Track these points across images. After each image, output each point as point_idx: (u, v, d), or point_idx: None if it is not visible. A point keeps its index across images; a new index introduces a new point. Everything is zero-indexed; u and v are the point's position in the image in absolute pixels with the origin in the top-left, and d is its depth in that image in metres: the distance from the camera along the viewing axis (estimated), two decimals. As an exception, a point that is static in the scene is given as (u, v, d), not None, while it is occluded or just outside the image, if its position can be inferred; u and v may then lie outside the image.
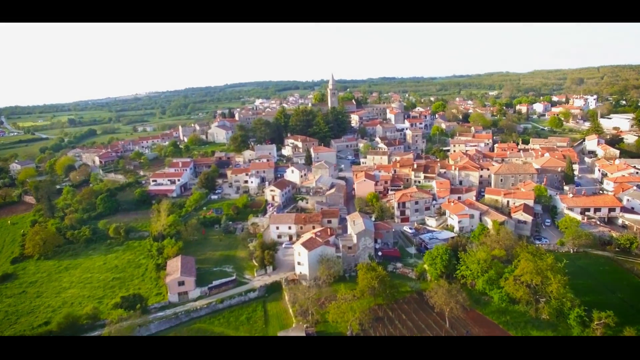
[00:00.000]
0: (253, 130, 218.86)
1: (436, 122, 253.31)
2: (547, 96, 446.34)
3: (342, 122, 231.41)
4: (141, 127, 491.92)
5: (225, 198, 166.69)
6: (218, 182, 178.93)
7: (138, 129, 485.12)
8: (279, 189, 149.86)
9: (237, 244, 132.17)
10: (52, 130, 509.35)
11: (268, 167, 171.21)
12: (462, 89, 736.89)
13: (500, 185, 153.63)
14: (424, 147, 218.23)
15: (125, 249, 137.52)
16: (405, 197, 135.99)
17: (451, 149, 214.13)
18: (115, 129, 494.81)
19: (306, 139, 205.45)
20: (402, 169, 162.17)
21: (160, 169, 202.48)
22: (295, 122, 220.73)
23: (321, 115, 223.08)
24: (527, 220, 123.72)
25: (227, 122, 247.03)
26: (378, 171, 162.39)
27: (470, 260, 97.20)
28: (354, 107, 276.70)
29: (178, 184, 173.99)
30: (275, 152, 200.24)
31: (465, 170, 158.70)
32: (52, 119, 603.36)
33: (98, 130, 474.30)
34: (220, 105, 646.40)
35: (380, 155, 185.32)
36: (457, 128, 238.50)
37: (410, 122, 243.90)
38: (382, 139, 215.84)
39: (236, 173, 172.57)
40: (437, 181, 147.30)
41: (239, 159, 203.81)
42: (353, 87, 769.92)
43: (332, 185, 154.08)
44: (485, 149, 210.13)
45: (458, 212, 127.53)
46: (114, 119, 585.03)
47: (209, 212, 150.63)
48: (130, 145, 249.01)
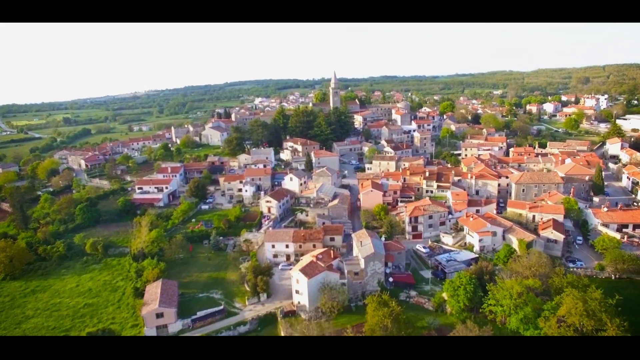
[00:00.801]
0: (249, 132, 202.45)
1: (445, 123, 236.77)
2: (556, 96, 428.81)
3: (345, 123, 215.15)
4: (137, 127, 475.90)
5: (216, 208, 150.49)
6: (210, 190, 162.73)
7: (134, 129, 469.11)
8: (275, 200, 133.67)
9: (227, 264, 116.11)
10: (46, 129, 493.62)
11: (264, 174, 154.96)
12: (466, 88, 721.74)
13: (522, 197, 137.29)
14: (433, 150, 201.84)
15: (103, 268, 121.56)
16: (418, 211, 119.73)
17: (462, 153, 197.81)
18: (110, 129, 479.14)
19: (306, 142, 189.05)
20: (413, 177, 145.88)
21: (149, 173, 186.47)
22: (295, 123, 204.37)
23: (322, 116, 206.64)
24: (559, 239, 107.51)
25: (223, 123, 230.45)
26: (386, 179, 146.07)
27: (501, 294, 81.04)
28: (357, 107, 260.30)
29: (166, 192, 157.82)
30: (272, 156, 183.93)
31: (482, 179, 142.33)
32: (48, 118, 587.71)
33: (92, 130, 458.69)
34: (219, 104, 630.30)
35: (387, 160, 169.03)
36: (467, 130, 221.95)
37: (417, 124, 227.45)
38: (388, 142, 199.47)
39: (229, 180, 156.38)
40: (453, 192, 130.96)
41: (234, 163, 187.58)
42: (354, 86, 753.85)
43: (335, 195, 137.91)
44: (499, 154, 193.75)
45: (478, 229, 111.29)
46: (110, 118, 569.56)
47: (197, 225, 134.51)
48: (120, 147, 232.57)
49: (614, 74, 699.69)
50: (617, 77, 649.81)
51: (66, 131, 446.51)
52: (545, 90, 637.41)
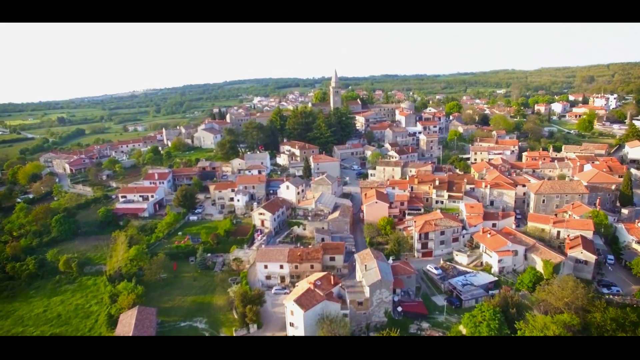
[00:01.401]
0: (243, 135, 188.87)
1: (452, 125, 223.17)
2: (563, 95, 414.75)
3: (347, 125, 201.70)
4: (132, 127, 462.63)
5: (206, 219, 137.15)
6: (199, 199, 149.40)
7: (129, 129, 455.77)
8: (269, 212, 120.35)
9: (214, 286, 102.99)
10: (40, 129, 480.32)
11: (258, 182, 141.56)
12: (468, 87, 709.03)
13: (542, 208, 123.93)
14: (440, 154, 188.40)
15: (76, 289, 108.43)
16: (429, 227, 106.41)
17: (471, 157, 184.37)
18: (105, 129, 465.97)
19: (305, 146, 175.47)
20: (421, 185, 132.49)
21: (136, 179, 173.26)
22: (293, 125, 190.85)
23: (322, 117, 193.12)
24: (589, 260, 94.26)
25: (216, 125, 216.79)
26: (391, 188, 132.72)
27: (533, 334, 67.81)
28: (359, 108, 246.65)
29: (151, 202, 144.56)
30: (268, 161, 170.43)
31: (498, 188, 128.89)
32: (42, 118, 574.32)
33: (87, 130, 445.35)
34: (217, 104, 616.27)
35: (392, 166, 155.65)
36: (476, 132, 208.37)
37: (422, 125, 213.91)
38: (392, 145, 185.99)
39: (220, 189, 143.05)
40: (467, 204, 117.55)
41: (227, 168, 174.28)
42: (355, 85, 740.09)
43: (335, 206, 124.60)
44: (511, 158, 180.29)
45: (497, 248, 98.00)
46: (105, 118, 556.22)
47: (183, 240, 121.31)
48: (108, 150, 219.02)
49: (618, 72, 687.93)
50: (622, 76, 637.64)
51: (59, 131, 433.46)
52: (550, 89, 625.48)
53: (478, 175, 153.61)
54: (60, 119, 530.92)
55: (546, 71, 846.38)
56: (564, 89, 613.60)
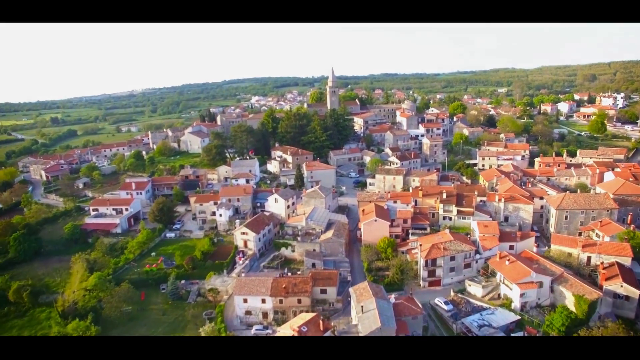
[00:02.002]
0: (232, 139, 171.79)
1: (456, 127, 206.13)
2: (569, 94, 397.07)
3: (344, 127, 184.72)
4: (126, 127, 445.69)
5: (184, 237, 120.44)
6: (178, 212, 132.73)
7: (122, 129, 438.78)
8: (253, 232, 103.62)
9: (185, 322, 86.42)
10: (32, 129, 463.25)
11: (243, 194, 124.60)
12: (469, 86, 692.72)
13: (565, 226, 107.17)
14: (445, 159, 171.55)
15: (25, 325, 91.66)
16: (437, 252, 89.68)
17: (479, 163, 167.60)
18: (98, 129, 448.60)
19: (297, 152, 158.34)
20: (426, 199, 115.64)
21: (115, 188, 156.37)
22: (286, 128, 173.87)
23: (317, 119, 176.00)
24: (632, 295, 77.63)
25: (204, 128, 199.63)
26: (392, 202, 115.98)
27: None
28: (357, 108, 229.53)
29: (125, 215, 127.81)
30: (257, 168, 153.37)
31: (513, 202, 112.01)
32: (37, 118, 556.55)
33: (79, 131, 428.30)
34: (214, 103, 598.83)
35: (394, 175, 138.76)
36: (483, 135, 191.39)
37: (425, 128, 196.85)
38: (393, 150, 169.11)
39: (201, 201, 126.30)
40: (479, 222, 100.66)
41: (213, 176, 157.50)
42: (354, 84, 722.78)
43: (329, 223, 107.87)
44: (522, 164, 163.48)
45: (519, 279, 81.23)
46: (100, 118, 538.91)
47: (155, 264, 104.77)
48: (89, 154, 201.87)
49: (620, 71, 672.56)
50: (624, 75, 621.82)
51: (51, 132, 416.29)
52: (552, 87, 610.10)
53: (488, 185, 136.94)
54: (54, 119, 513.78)
55: (547, 69, 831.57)
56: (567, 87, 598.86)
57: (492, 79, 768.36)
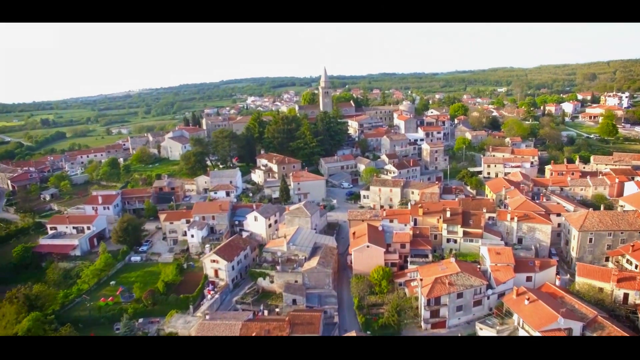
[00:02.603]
0: (213, 146, 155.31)
1: (458, 130, 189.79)
2: (572, 94, 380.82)
3: (336, 132, 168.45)
4: (116, 129, 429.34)
5: (151, 261, 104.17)
6: (147, 231, 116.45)
7: (112, 132, 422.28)
8: (225, 260, 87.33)
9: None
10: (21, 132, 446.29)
11: (219, 211, 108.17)
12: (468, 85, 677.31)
13: (589, 249, 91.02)
14: (447, 167, 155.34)
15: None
16: (441, 288, 73.46)
17: (484, 171, 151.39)
18: (88, 131, 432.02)
19: (284, 160, 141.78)
20: (427, 217, 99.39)
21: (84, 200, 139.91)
22: (273, 133, 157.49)
23: (307, 123, 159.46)
24: (685, 349, 61.40)
25: (187, 133, 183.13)
26: (389, 221, 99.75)
27: None
28: (352, 110, 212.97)
29: (87, 235, 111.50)
30: (239, 179, 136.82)
31: (528, 221, 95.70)
32: (28, 119, 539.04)
33: (68, 133, 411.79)
34: (209, 104, 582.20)
35: (390, 186, 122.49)
36: (487, 140, 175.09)
37: (425, 131, 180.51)
38: (390, 156, 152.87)
39: (171, 219, 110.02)
40: (491, 248, 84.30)
41: (191, 186, 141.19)
42: (352, 84, 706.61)
43: (314, 248, 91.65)
44: (532, 172, 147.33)
45: (542, 326, 65.03)
46: (92, 119, 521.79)
47: (112, 296, 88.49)
48: (63, 161, 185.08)
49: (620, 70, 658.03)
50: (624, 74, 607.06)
51: (38, 134, 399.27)
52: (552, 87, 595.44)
53: (496, 198, 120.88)
54: (44, 120, 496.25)
55: (545, 69, 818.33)
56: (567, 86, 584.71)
57: (491, 78, 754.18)
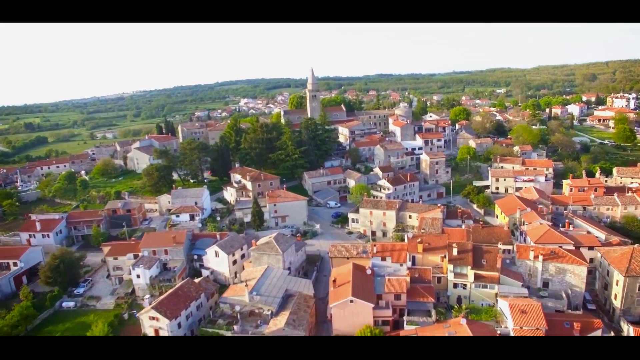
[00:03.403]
0: (181, 159, 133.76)
1: (461, 137, 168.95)
2: (577, 95, 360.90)
3: (324, 141, 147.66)
4: (101, 134, 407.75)
5: (87, 306, 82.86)
6: (89, 267, 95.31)
7: (97, 136, 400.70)
8: (168, 318, 66.19)
9: None
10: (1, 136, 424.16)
11: (173, 245, 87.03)
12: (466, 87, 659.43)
13: (638, 299, 70.34)
14: (449, 180, 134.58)
15: None
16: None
17: (492, 185, 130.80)
18: (72, 136, 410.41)
19: (259, 176, 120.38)
20: (428, 254, 78.52)
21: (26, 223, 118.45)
22: (250, 143, 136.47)
23: (289, 132, 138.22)
24: None
25: (156, 142, 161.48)
26: (380, 259, 78.93)
27: None
28: (343, 115, 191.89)
29: (9, 274, 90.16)
30: (206, 198, 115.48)
31: (557, 261, 74.81)
32: (13, 123, 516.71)
33: (50, 138, 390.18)
34: (201, 106, 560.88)
35: (383, 209, 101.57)
36: (493, 148, 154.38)
37: (423, 139, 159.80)
38: (384, 169, 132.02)
39: (117, 253, 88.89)
40: (514, 305, 63.21)
41: (153, 206, 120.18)
42: (348, 85, 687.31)
43: (285, 296, 70.70)
44: (547, 187, 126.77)
45: None
46: (79, 123, 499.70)
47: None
48: (19, 173, 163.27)
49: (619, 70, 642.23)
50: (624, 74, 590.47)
51: (19, 139, 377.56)
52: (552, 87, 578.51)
53: (509, 221, 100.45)
54: (28, 124, 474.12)
55: (544, 69, 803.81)
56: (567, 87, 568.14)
57: (489, 79, 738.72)
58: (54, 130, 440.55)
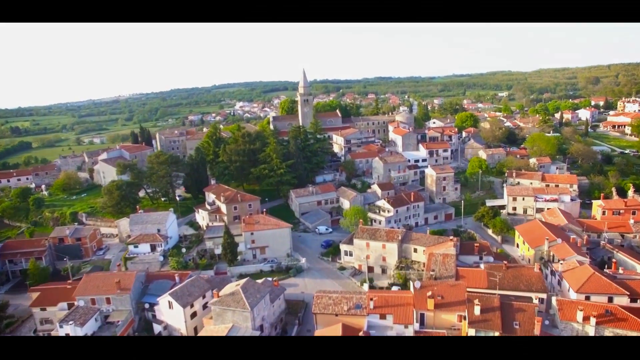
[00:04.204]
0: (148, 174, 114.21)
1: (469, 147, 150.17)
2: (585, 99, 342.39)
3: (315, 152, 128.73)
4: (89, 138, 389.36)
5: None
6: (15, 316, 76.23)
7: (84, 141, 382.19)
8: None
9: None
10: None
11: (116, 292, 67.99)
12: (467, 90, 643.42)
13: None
14: (458, 198, 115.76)
15: None
16: None
17: (508, 205, 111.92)
18: (58, 141, 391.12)
19: (235, 197, 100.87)
20: (441, 311, 59.59)
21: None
22: (230, 155, 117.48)
23: (274, 143, 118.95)
24: None
25: (127, 153, 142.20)
26: (377, 317, 59.98)
27: None
28: (338, 121, 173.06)
29: None
30: (171, 224, 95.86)
31: (615, 326, 55.71)
32: (2, 127, 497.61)
33: (35, 143, 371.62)
34: (195, 110, 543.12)
35: (383, 240, 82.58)
36: (506, 160, 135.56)
37: (428, 149, 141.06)
38: (384, 186, 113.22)
39: (45, 303, 69.85)
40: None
41: (111, 230, 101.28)
42: (347, 88, 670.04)
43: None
44: (574, 208, 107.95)
45: None
46: (68, 127, 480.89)
47: None
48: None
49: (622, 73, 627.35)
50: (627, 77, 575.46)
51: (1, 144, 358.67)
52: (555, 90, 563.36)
53: (535, 255, 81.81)
54: (15, 129, 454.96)
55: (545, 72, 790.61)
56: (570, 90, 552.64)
57: (490, 82, 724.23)
58: (40, 135, 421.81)
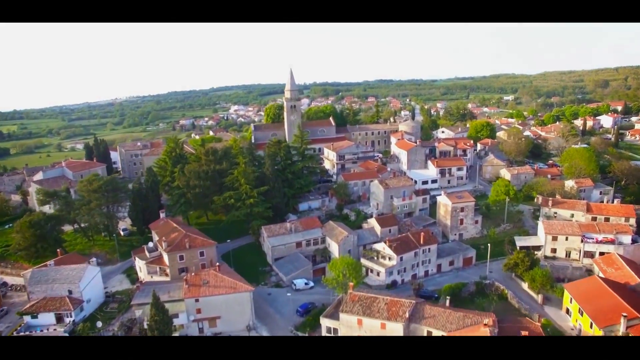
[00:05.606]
0: (77, 207, 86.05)
1: (488, 163, 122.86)
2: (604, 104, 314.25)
3: (298, 174, 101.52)
4: (71, 144, 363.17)
5: None
6: None
7: (66, 147, 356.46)
8: None
9: None
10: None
11: None
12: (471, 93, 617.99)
13: None
14: (481, 234, 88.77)
15: None
16: None
17: (545, 247, 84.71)
18: (38, 147, 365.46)
19: (182, 242, 72.95)
20: None
21: None
22: (188, 179, 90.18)
23: (244, 163, 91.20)
24: None
25: (70, 172, 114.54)
26: None
27: None
28: (331, 131, 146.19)
29: None
30: (94, 279, 69.58)
31: None
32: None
33: (13, 150, 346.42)
34: (188, 113, 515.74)
35: (382, 318, 55.61)
36: (537, 182, 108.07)
37: (439, 167, 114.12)
38: (384, 221, 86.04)
39: None
40: None
41: (18, 279, 74.55)
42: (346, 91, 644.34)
43: None
44: (635, 253, 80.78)
45: None
46: (54, 132, 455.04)
47: None
48: None
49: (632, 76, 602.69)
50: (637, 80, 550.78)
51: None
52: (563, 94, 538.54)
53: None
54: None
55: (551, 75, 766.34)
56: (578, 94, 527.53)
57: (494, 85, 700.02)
58: (25, 140, 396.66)
